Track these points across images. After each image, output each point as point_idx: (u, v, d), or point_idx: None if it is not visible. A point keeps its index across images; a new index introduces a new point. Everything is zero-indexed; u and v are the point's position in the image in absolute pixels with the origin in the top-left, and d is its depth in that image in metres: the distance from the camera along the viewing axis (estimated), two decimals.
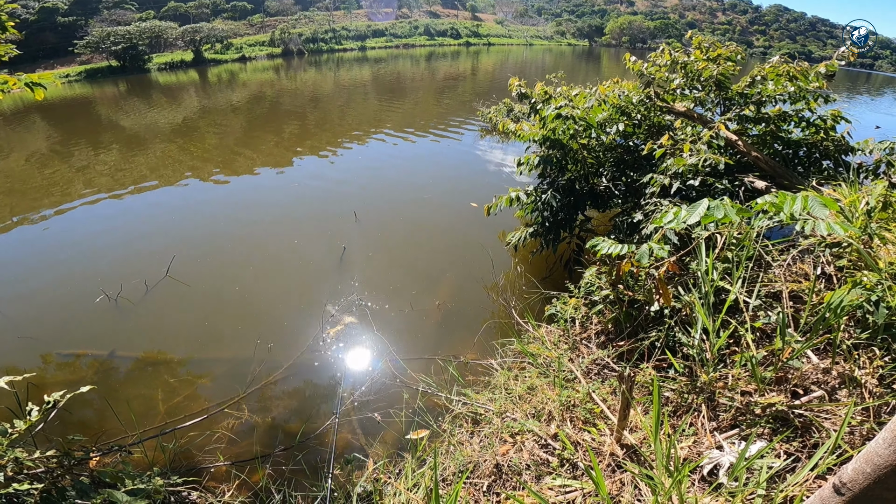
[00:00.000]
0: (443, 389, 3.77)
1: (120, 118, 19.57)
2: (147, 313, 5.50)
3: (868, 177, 4.55)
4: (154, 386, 4.39)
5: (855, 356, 2.41)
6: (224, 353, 4.84)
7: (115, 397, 4.19)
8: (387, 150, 12.71)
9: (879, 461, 1.21)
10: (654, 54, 5.78)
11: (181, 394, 4.28)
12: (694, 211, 2.20)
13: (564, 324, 3.93)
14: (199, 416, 3.87)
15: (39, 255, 7.13)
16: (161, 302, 5.68)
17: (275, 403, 4.16)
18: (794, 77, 5.00)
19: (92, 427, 3.85)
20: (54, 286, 6.16)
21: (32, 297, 5.94)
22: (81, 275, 6.37)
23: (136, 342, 5.02)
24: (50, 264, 6.80)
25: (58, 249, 7.30)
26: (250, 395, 4.19)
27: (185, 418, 3.86)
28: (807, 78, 4.96)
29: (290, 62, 53.64)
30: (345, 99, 23.78)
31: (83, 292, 5.88)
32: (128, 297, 5.68)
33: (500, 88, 23.15)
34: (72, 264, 6.77)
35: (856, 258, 2.88)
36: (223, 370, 4.60)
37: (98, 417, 3.99)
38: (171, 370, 4.61)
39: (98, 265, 6.62)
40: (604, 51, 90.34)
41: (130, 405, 4.05)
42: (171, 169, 11.53)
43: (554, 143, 5.41)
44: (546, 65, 50.57)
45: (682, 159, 4.26)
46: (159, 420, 3.92)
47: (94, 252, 7.14)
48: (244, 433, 3.82)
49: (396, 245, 6.99)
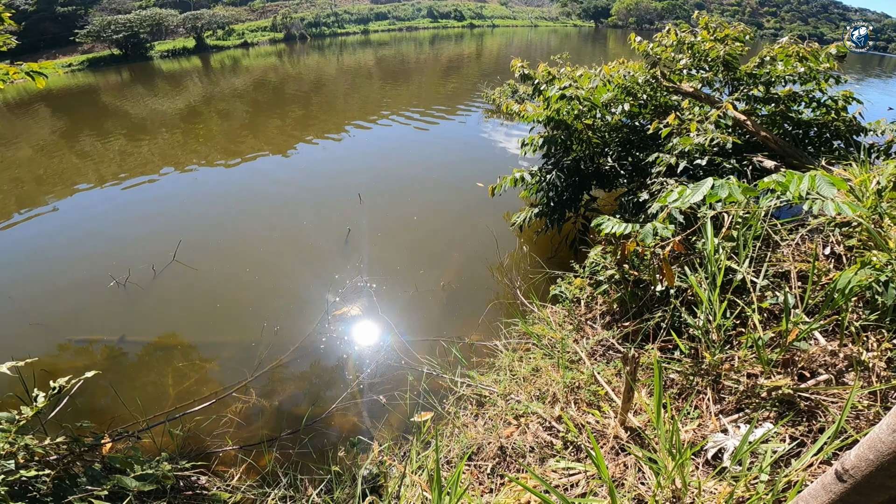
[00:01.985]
0: (447, 371, 3.77)
1: (124, 106, 19.52)
2: (155, 298, 5.54)
3: (880, 157, 4.49)
4: (164, 371, 4.43)
5: (863, 338, 2.38)
6: (231, 336, 4.87)
7: (125, 383, 4.24)
8: (391, 133, 12.66)
9: (883, 448, 1.19)
10: (659, 34, 5.68)
11: (190, 378, 4.32)
12: (698, 189, 2.16)
13: (569, 304, 3.91)
14: (207, 400, 3.90)
15: (47, 243, 7.17)
16: (169, 286, 5.73)
17: (282, 387, 4.20)
18: (805, 58, 4.91)
19: (104, 414, 3.90)
20: (63, 272, 6.21)
21: (42, 284, 5.99)
22: (90, 261, 6.42)
23: (145, 327, 5.06)
24: (58, 251, 6.85)
25: (66, 236, 7.35)
26: (258, 378, 4.23)
27: (194, 403, 3.89)
28: (817, 59, 4.87)
29: (292, 47, 53.17)
30: (349, 83, 23.58)
31: (92, 278, 5.93)
32: (136, 282, 5.73)
33: (504, 70, 22.85)
34: (80, 250, 6.82)
35: (865, 238, 2.84)
36: (231, 354, 4.64)
37: (111, 404, 4.03)
38: (180, 355, 4.65)
39: (106, 251, 6.66)
40: (610, 32, 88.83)
41: (141, 391, 4.11)
42: (176, 155, 11.53)
43: (558, 123, 5.35)
44: (551, 46, 49.84)
45: (688, 138, 4.19)
46: (170, 405, 3.96)
47: (101, 238, 7.18)
48: (252, 417, 3.86)
49: (401, 226, 6.98)
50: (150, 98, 21.16)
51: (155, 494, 2.55)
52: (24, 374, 3.35)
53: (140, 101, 20.54)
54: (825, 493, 1.40)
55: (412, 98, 18.05)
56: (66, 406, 3.40)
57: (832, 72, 4.94)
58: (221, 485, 2.99)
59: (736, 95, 5.13)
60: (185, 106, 18.76)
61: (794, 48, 4.99)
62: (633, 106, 5.34)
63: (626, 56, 5.86)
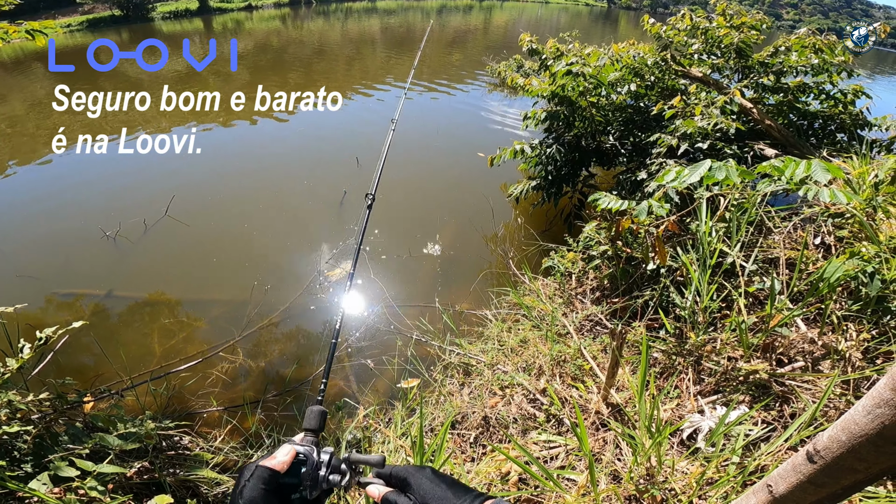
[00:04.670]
0: (436, 338, 3.79)
1: (121, 66, 19.10)
2: (146, 253, 5.52)
3: (881, 152, 4.48)
4: (150, 328, 4.43)
5: (843, 327, 2.41)
6: (221, 294, 4.87)
7: (111, 340, 4.23)
8: (393, 99, 12.54)
9: (856, 429, 1.20)
10: (674, 18, 5.64)
11: (177, 336, 4.32)
12: (695, 170, 2.15)
13: (560, 277, 3.93)
14: (193, 359, 3.91)
15: (38, 195, 7.11)
16: (160, 241, 5.70)
17: (269, 348, 4.22)
18: (820, 50, 4.89)
19: (87, 371, 3.89)
20: (53, 225, 6.17)
21: (30, 236, 5.96)
22: (80, 214, 6.36)
23: (134, 282, 5.04)
24: (48, 204, 6.78)
25: (57, 190, 7.27)
26: (245, 338, 4.23)
27: (180, 361, 3.90)
28: (833, 52, 4.84)
29: (297, 11, 52.00)
30: (352, 50, 23.16)
31: (82, 231, 5.88)
32: (126, 235, 5.69)
33: (510, 45, 22.45)
34: (71, 204, 6.76)
35: (857, 229, 2.85)
36: (220, 312, 4.63)
37: (93, 361, 4.03)
38: (167, 311, 4.64)
39: (97, 205, 6.61)
40: (622, 13, 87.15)
41: (126, 348, 4.09)
42: (172, 114, 11.33)
43: (562, 99, 5.29)
44: (560, 24, 48.94)
45: (692, 121, 4.16)
46: (155, 363, 3.96)
47: (93, 192, 7.13)
48: (238, 377, 3.88)
49: (398, 191, 6.94)
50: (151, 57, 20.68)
51: (137, 454, 2.56)
52: (8, 329, 3.33)
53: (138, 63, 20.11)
54: (795, 473, 1.42)
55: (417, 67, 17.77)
56: (49, 364, 3.41)
57: (846, 65, 4.91)
58: (205, 445, 3.01)
59: (745, 83, 5.09)
60: (184, 66, 18.39)
61: (811, 39, 4.95)
62: (639, 87, 5.29)
63: (638, 38, 5.76)
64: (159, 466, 2.57)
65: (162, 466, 2.61)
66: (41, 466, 2.07)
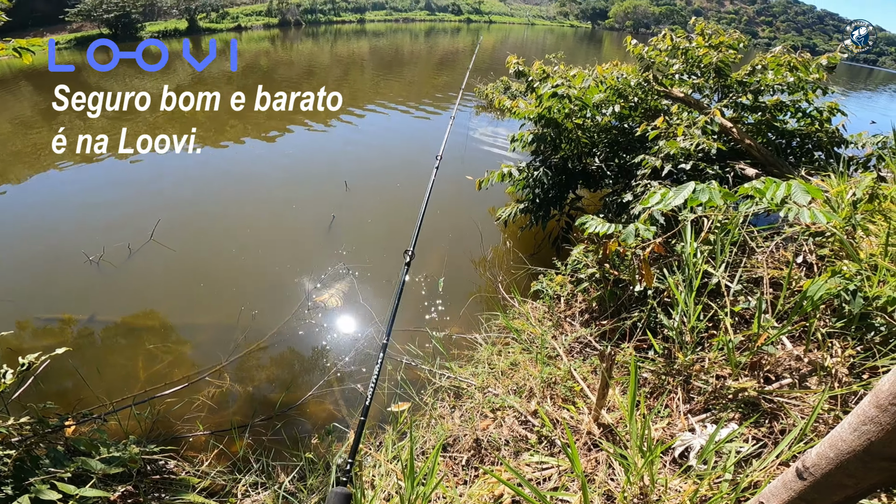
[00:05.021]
0: (426, 362, 3.78)
1: (108, 84, 19.12)
2: (130, 277, 5.43)
3: (858, 170, 4.58)
4: (134, 352, 4.35)
5: (828, 344, 2.45)
6: (207, 319, 4.81)
7: (93, 364, 4.14)
8: (382, 123, 12.59)
9: (843, 446, 1.22)
10: (655, 38, 5.73)
11: (162, 361, 4.25)
12: (680, 193, 2.20)
13: (550, 300, 3.95)
14: (179, 384, 3.85)
15: (20, 217, 7.02)
16: (144, 266, 5.61)
17: (257, 372, 4.16)
18: (795, 67, 4.98)
19: (68, 396, 3.81)
20: (35, 248, 6.06)
21: (11, 259, 5.86)
22: (64, 238, 6.28)
23: (117, 307, 4.95)
24: (31, 226, 6.68)
25: (40, 211, 7.18)
26: (232, 363, 4.18)
27: (165, 386, 3.84)
28: (807, 69, 4.94)
29: (286, 33, 52.46)
30: (341, 71, 23.38)
31: (65, 255, 5.80)
32: (110, 260, 5.59)
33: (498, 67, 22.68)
34: (54, 227, 6.66)
35: (838, 248, 2.90)
36: (206, 337, 4.58)
37: (75, 386, 3.94)
38: (152, 336, 4.56)
39: (81, 228, 6.51)
40: (606, 34, 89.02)
41: (109, 372, 4.03)
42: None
43: (549, 121, 5.37)
44: (546, 45, 49.85)
45: (674, 142, 4.24)
46: (139, 388, 3.89)
47: (77, 215, 7.02)
48: (225, 402, 3.82)
49: (387, 215, 6.95)
50: (135, 78, 20.74)
51: (121, 478, 2.52)
52: None
53: (125, 81, 20.16)
54: (785, 490, 1.43)
55: (405, 89, 17.94)
56: (29, 388, 3.34)
57: (821, 83, 5.02)
58: (191, 469, 2.96)
59: (724, 102, 5.21)
60: (174, 86, 18.43)
61: (786, 58, 5.05)
62: (623, 108, 5.39)
63: (621, 59, 5.90)
64: (144, 491, 2.52)
65: (147, 491, 2.56)
66: (21, 489, 2.03)
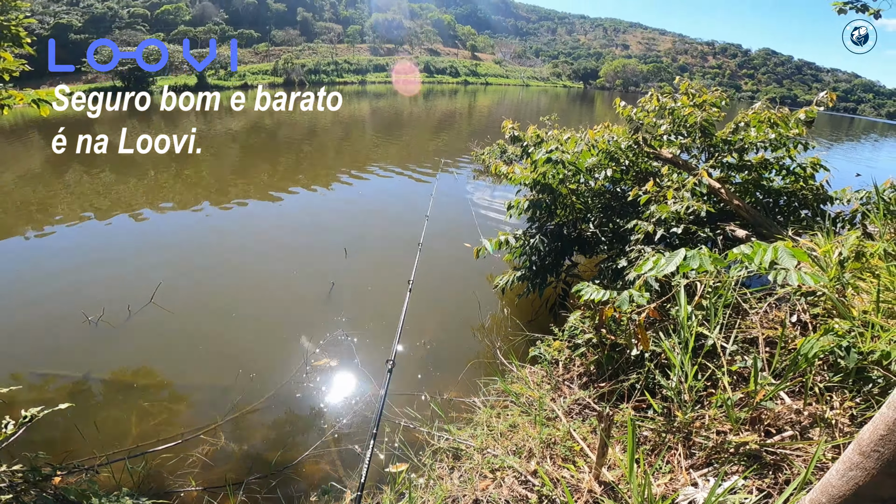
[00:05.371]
0: (424, 424, 3.75)
1: (117, 140, 19.64)
2: (128, 338, 5.42)
3: (845, 227, 4.66)
4: (127, 409, 4.32)
5: (827, 397, 2.48)
6: (204, 380, 4.78)
7: (85, 418, 4.10)
8: (381, 187, 12.81)
9: (834, 491, 1.25)
10: (643, 99, 5.94)
11: (156, 418, 4.21)
12: (671, 260, 2.29)
13: (548, 365, 3.96)
14: (172, 440, 3.81)
15: (22, 273, 7.06)
16: (143, 327, 5.60)
17: (253, 432, 4.11)
18: (775, 123, 5.15)
19: (58, 446, 3.77)
20: (35, 304, 6.07)
21: (11, 314, 5.87)
22: (64, 296, 6.29)
23: (113, 365, 4.92)
24: (33, 282, 6.71)
25: (42, 268, 7.23)
26: (228, 422, 4.13)
27: (159, 442, 3.80)
28: (787, 125, 5.10)
29: (289, 92, 54.37)
30: (342, 132, 24.10)
31: (64, 313, 5.80)
32: (109, 320, 5.59)
33: (494, 129, 23.42)
34: (55, 284, 6.67)
35: (830, 306, 2.97)
36: (201, 397, 4.55)
37: (64, 437, 3.91)
38: (146, 394, 4.54)
39: (82, 287, 6.54)
40: (597, 93, 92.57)
41: (101, 426, 3.98)
42: (164, 195, 11.57)
43: (544, 187, 5.49)
44: (541, 106, 51.65)
45: (665, 206, 4.37)
46: (131, 443, 3.85)
47: (78, 274, 7.06)
48: (219, 460, 3.76)
49: (385, 282, 6.96)
50: (143, 134, 21.30)
51: None
52: None
53: (133, 136, 20.69)
54: None
55: (403, 152, 18.38)
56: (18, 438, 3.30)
57: (801, 138, 5.15)
58: None
59: (711, 162, 5.35)
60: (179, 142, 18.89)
61: (766, 114, 5.22)
62: (615, 172, 5.54)
63: (612, 119, 6.13)
64: None
65: None
66: None
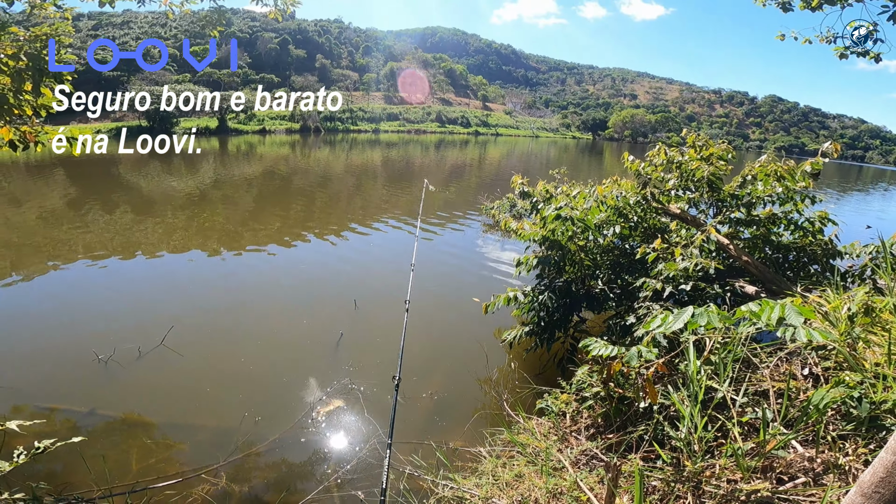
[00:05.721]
0: (429, 473, 3.69)
1: (137, 181, 20.25)
2: (136, 378, 5.43)
3: (854, 281, 4.59)
4: (129, 445, 4.30)
5: (840, 445, 2.46)
6: (208, 421, 4.75)
7: (86, 452, 4.02)
8: (391, 238, 12.86)
9: None
10: (651, 153, 5.95)
11: (157, 456, 4.18)
12: (679, 317, 2.34)
13: (555, 417, 3.93)
14: (173, 478, 3.77)
15: (36, 310, 7.12)
16: (152, 369, 5.62)
17: (255, 474, 4.06)
18: (782, 177, 5.09)
19: (57, 478, 3.76)
20: (46, 341, 6.12)
21: (21, 350, 5.91)
22: (75, 334, 6.35)
23: (119, 403, 4.93)
24: (45, 319, 6.78)
25: (56, 306, 7.31)
26: (230, 464, 4.09)
27: (158, 479, 3.77)
28: (793, 177, 5.04)
29: (306, 139, 56.13)
30: (354, 182, 24.57)
31: (74, 351, 5.84)
32: (119, 360, 5.63)
33: (503, 182, 23.87)
34: (67, 322, 6.75)
35: (841, 360, 2.96)
36: (205, 437, 4.51)
37: (65, 469, 3.90)
38: (149, 432, 4.52)
39: (93, 326, 6.59)
40: (606, 145, 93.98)
41: (102, 461, 3.93)
42: (179, 238, 11.77)
43: (553, 243, 5.52)
44: (550, 158, 52.46)
45: (673, 264, 4.37)
46: (131, 478, 3.83)
47: (91, 313, 7.14)
48: (219, 500, 3.70)
49: (393, 334, 6.96)
50: (163, 176, 21.96)
51: None
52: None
53: (153, 178, 21.34)
54: None
55: (414, 203, 18.48)
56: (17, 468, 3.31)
57: (808, 191, 5.10)
58: None
59: (719, 218, 5.35)
60: (195, 188, 19.44)
61: (773, 167, 5.14)
62: (624, 228, 5.52)
63: (620, 172, 6.19)
64: None
65: None
66: None
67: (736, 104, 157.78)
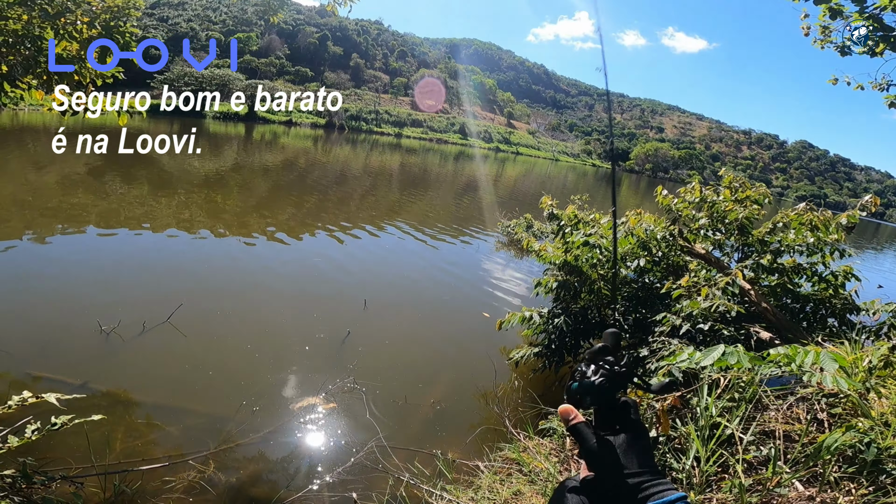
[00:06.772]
0: (425, 482, 3.64)
1: (161, 157, 20.42)
2: (135, 354, 5.38)
3: (870, 338, 4.54)
4: (118, 423, 4.20)
5: (841, 486, 2.45)
6: (202, 407, 4.68)
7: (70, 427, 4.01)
8: (402, 244, 12.83)
9: None
10: (684, 189, 5.79)
11: (145, 436, 4.12)
12: (708, 354, 2.30)
13: (559, 438, 3.87)
14: (159, 461, 3.71)
15: (44, 274, 7.07)
16: (153, 346, 5.56)
17: (245, 465, 3.99)
18: (816, 227, 4.97)
19: (37, 452, 3.57)
20: (50, 307, 6.09)
21: (23, 314, 5.86)
22: (80, 302, 6.31)
23: (113, 378, 4.85)
24: (52, 285, 6.75)
25: (65, 272, 7.29)
26: (221, 452, 4.02)
27: (144, 461, 3.69)
28: (828, 229, 4.93)
29: (329, 135, 56.69)
30: (369, 183, 24.70)
31: (77, 319, 5.81)
32: (121, 333, 5.58)
33: (520, 201, 23.90)
34: (74, 290, 6.73)
35: (850, 407, 2.95)
36: (197, 422, 4.42)
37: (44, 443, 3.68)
38: (141, 412, 4.45)
39: (100, 297, 6.55)
40: (625, 176, 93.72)
41: (82, 437, 3.78)
42: (193, 217, 11.86)
43: (573, 269, 5.48)
44: (567, 184, 52.43)
45: (696, 302, 4.31)
46: (114, 458, 3.75)
47: (99, 283, 7.10)
48: (205, 488, 3.63)
49: (400, 338, 6.95)
50: (187, 156, 22.12)
51: None
52: None
53: (177, 157, 21.49)
54: None
55: (427, 212, 18.52)
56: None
57: (839, 244, 4.99)
58: None
59: (746, 262, 5.21)
60: (215, 170, 19.62)
61: (809, 216, 5.01)
62: (647, 261, 5.45)
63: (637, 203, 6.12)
64: None
65: None
66: None
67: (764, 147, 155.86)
